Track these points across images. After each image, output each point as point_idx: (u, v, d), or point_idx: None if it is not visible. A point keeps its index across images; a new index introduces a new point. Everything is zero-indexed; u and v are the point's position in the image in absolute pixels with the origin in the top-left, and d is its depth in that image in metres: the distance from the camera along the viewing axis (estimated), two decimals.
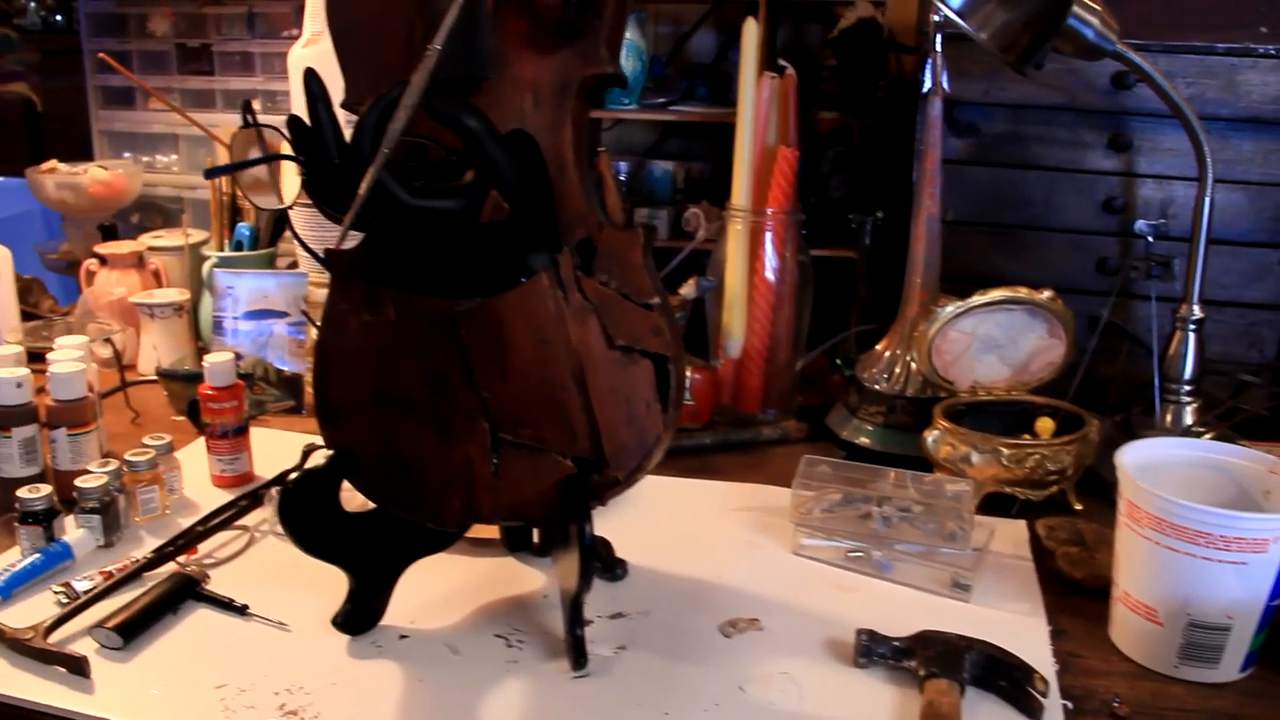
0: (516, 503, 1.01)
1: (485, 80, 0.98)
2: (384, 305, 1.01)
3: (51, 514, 1.24)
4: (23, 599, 1.17)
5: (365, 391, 1.03)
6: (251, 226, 1.77)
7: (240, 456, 1.41)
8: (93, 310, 1.82)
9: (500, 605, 1.16)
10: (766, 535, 1.30)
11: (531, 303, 0.96)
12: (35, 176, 1.94)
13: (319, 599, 1.15)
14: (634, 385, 0.99)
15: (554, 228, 0.98)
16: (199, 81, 2.07)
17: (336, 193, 0.95)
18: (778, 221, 1.54)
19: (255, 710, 0.99)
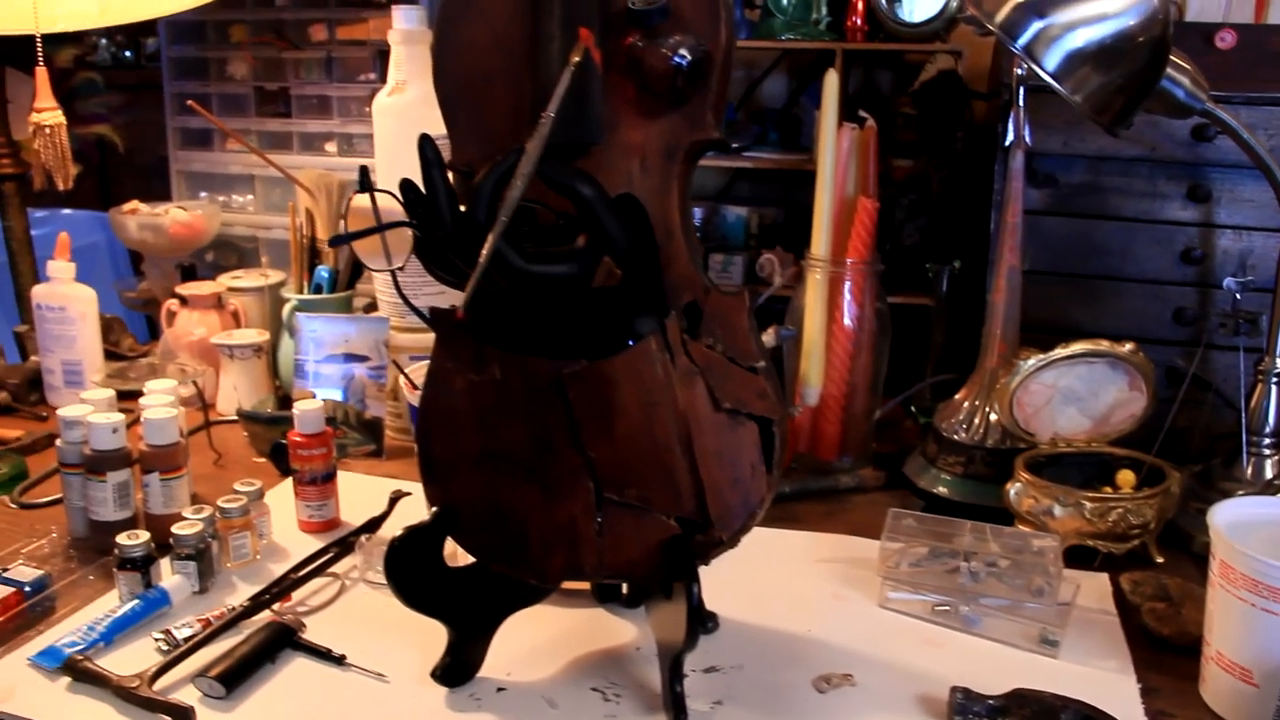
0: (620, 561, 1.02)
1: (594, 146, 0.99)
2: (489, 365, 1.02)
3: (149, 560, 1.27)
4: (123, 645, 1.19)
5: (469, 449, 1.05)
6: (331, 269, 1.79)
7: (328, 503, 1.43)
8: (173, 350, 1.85)
9: (594, 658, 1.17)
10: (852, 587, 1.31)
11: (639, 366, 0.98)
12: (118, 217, 1.97)
13: (414, 649, 1.17)
14: (739, 448, 1.00)
15: (661, 291, 0.99)
16: (276, 124, 2.10)
17: (448, 256, 0.97)
18: (857, 271, 1.55)
19: None
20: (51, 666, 1.14)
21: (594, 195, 0.93)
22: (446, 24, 1.06)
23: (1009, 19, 1.16)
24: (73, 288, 1.83)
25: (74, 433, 1.40)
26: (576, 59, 0.96)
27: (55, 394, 1.87)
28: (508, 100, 1.04)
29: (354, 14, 2.00)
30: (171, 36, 2.18)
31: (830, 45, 1.79)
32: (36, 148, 1.64)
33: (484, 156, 1.04)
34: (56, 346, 1.84)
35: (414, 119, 1.64)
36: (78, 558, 1.38)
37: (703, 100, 1.00)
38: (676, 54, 0.96)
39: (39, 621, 1.25)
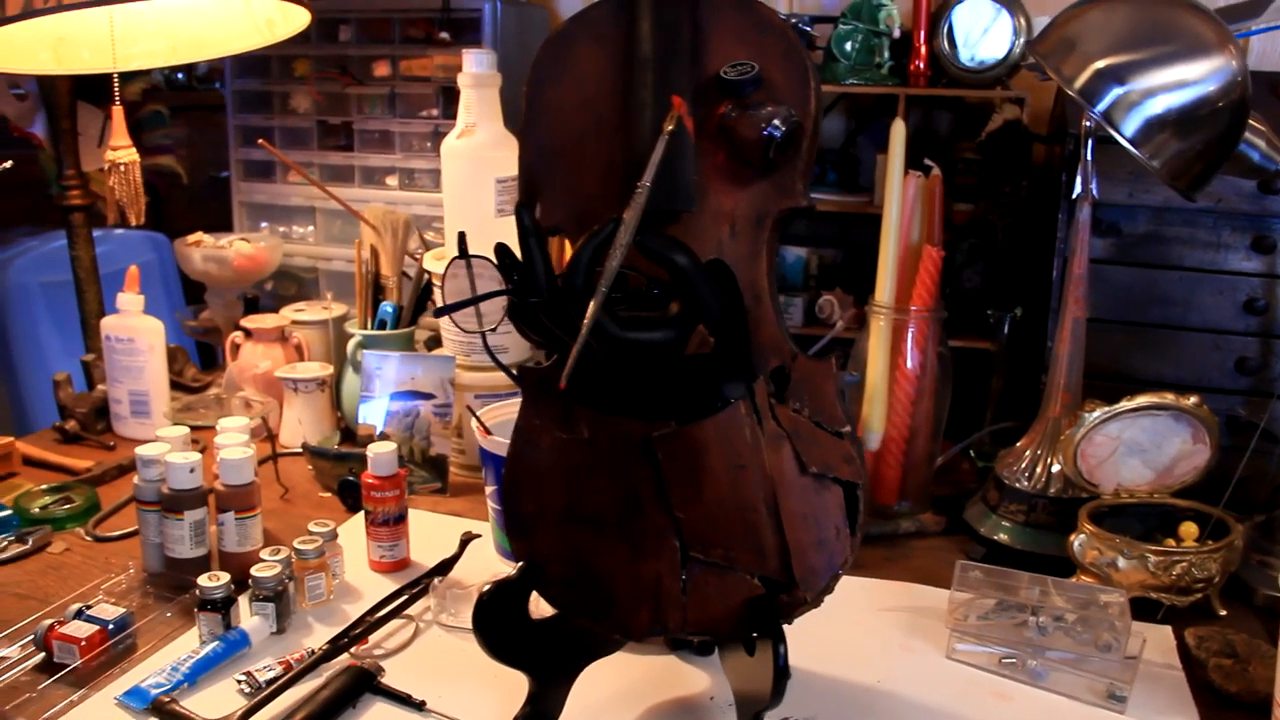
0: (703, 618, 1.03)
1: (684, 212, 1.01)
2: (578, 424, 1.04)
3: (229, 602, 1.29)
4: (206, 686, 1.22)
5: (556, 506, 1.07)
6: (395, 305, 1.82)
7: (399, 543, 1.45)
8: (238, 383, 1.88)
9: (668, 707, 1.19)
10: (919, 638, 1.32)
11: (728, 429, 1.00)
12: (183, 248, 2.00)
13: (491, 694, 1.19)
14: (825, 511, 1.02)
15: (749, 356, 1.01)
16: (338, 157, 2.13)
17: (541, 320, 0.99)
18: (921, 318, 1.57)
19: None
20: (139, 707, 1.17)
21: (690, 266, 0.95)
22: (538, 87, 1.08)
23: (1088, 85, 1.18)
24: (142, 320, 1.86)
25: (151, 471, 1.43)
26: (670, 127, 0.98)
27: (122, 423, 1.90)
28: (597, 163, 1.06)
29: (418, 50, 2.03)
30: (236, 70, 2.21)
31: (893, 90, 1.80)
32: (112, 184, 1.67)
33: (572, 218, 1.06)
34: (124, 377, 1.87)
35: (483, 162, 1.67)
36: (154, 594, 1.41)
37: (792, 168, 1.02)
38: (770, 125, 0.98)
39: (122, 659, 1.27)
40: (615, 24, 1.07)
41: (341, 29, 2.11)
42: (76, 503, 1.63)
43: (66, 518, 1.60)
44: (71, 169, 1.98)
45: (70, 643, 1.25)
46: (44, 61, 1.72)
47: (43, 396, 2.86)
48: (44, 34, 1.67)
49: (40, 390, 2.89)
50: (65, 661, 1.25)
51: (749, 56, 1.03)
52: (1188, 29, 1.20)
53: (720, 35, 1.05)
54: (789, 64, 1.03)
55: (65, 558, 1.52)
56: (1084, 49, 1.20)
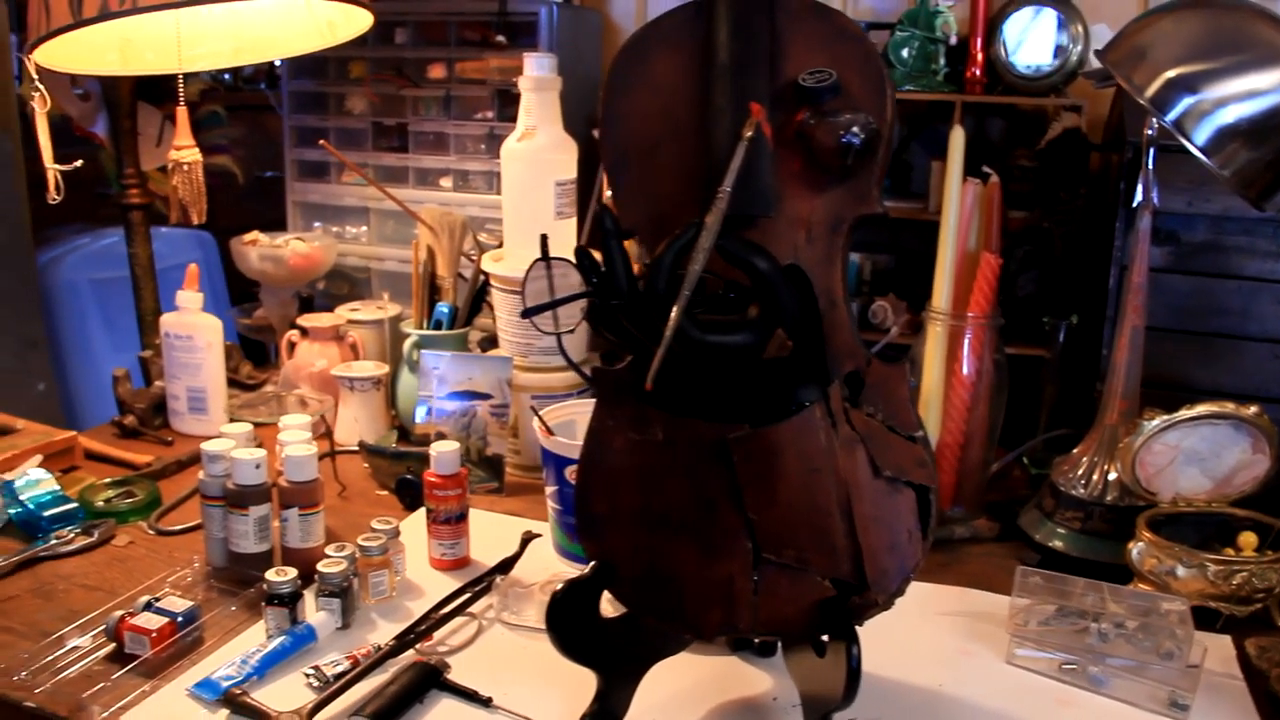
0: (774, 619, 1.04)
1: (761, 218, 1.02)
2: (652, 426, 1.06)
3: (296, 597, 1.31)
4: (274, 679, 1.23)
5: (628, 506, 1.08)
6: (451, 305, 1.83)
7: (460, 541, 1.47)
8: (293, 381, 1.90)
9: (732, 707, 1.20)
10: (978, 642, 1.33)
11: (803, 433, 1.01)
12: (239, 247, 2.03)
13: (557, 692, 1.20)
14: (897, 514, 1.03)
15: (823, 360, 1.02)
16: (392, 158, 2.15)
17: (620, 323, 1.01)
18: (978, 325, 1.57)
19: None
20: (211, 698, 1.19)
21: (770, 270, 0.96)
22: (614, 94, 1.09)
23: (1159, 94, 1.18)
24: (200, 317, 1.88)
25: (216, 466, 1.45)
26: (749, 134, 0.99)
27: (179, 419, 1.93)
28: (673, 168, 1.07)
29: (474, 53, 2.04)
30: (293, 71, 2.24)
31: (950, 97, 1.81)
32: (175, 183, 1.69)
33: (648, 222, 1.07)
34: (183, 374, 1.89)
35: (543, 164, 1.69)
36: (219, 588, 1.43)
37: (869, 175, 1.03)
38: (849, 132, 0.99)
39: (190, 652, 1.29)
40: (691, 31, 1.08)
41: (398, 31, 2.13)
42: (138, 497, 1.65)
43: (129, 511, 1.62)
44: (131, 168, 2.01)
45: (142, 634, 1.27)
46: (111, 62, 1.75)
47: (91, 391, 2.89)
48: (112, 35, 1.70)
49: (89, 385, 2.92)
50: (136, 652, 1.27)
51: (826, 64, 1.04)
52: (1260, 38, 1.20)
53: (797, 43, 1.06)
54: (866, 72, 1.04)
55: (130, 551, 1.54)
56: (1155, 58, 1.20)
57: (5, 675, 1.25)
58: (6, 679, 1.24)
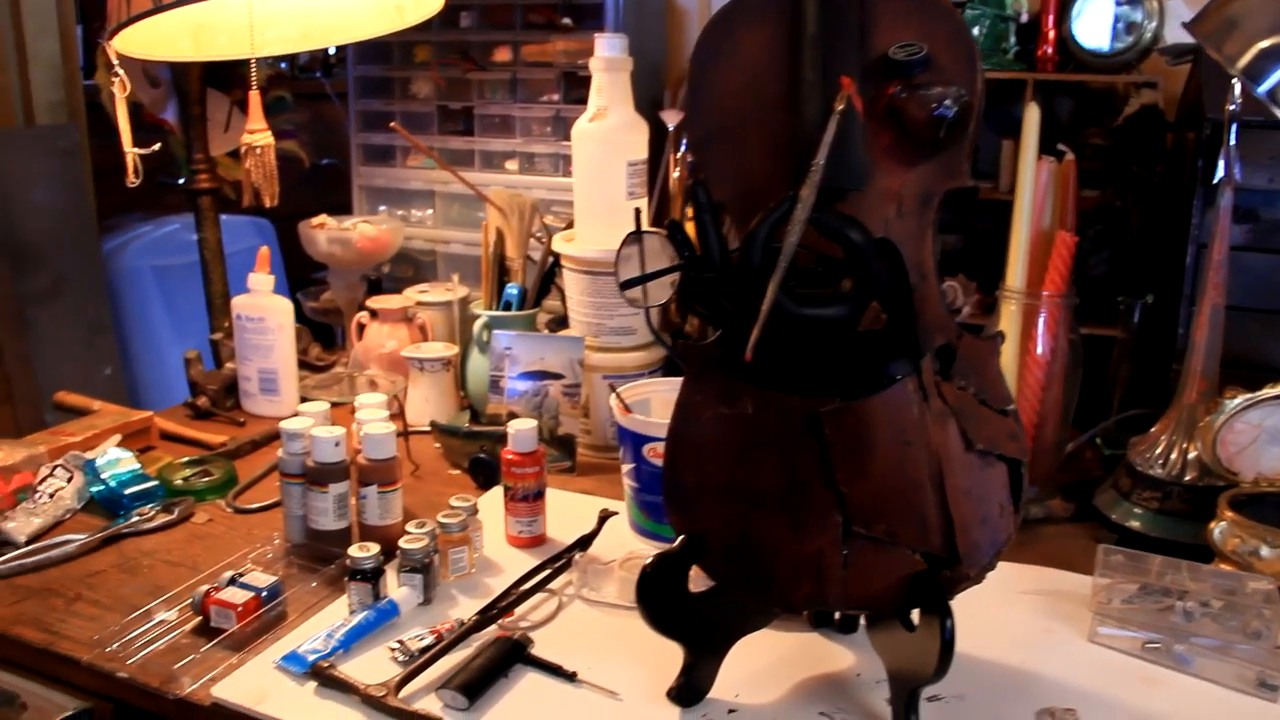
0: (864, 593, 1.04)
1: (852, 192, 1.02)
2: (741, 400, 1.06)
3: (379, 573, 1.32)
4: (359, 653, 1.25)
5: (717, 480, 1.08)
6: (520, 287, 1.84)
7: (537, 519, 1.47)
8: (363, 362, 1.92)
9: (815, 682, 1.20)
10: (1060, 621, 1.32)
11: (896, 406, 1.01)
12: (307, 230, 2.04)
13: (640, 667, 1.21)
14: (989, 487, 1.03)
15: (914, 333, 1.02)
16: (458, 141, 2.16)
17: (713, 296, 1.01)
18: (1053, 304, 1.56)
19: None
20: (299, 671, 1.20)
21: (865, 242, 0.96)
22: (700, 68, 1.09)
23: (1252, 65, 1.17)
24: (272, 299, 1.90)
25: (295, 444, 1.46)
26: (840, 107, 0.99)
27: (251, 401, 1.95)
28: (761, 143, 1.07)
29: (539, 36, 2.05)
30: (358, 56, 2.25)
31: (1022, 75, 1.80)
32: (248, 167, 1.71)
33: (736, 197, 1.07)
34: (254, 355, 1.91)
35: (614, 145, 1.69)
36: (298, 565, 1.44)
37: (959, 148, 1.03)
38: (941, 105, 0.99)
39: (274, 626, 1.31)
40: (778, 5, 1.08)
41: (463, 15, 2.13)
42: (215, 476, 1.67)
43: (207, 490, 1.65)
44: (200, 153, 2.03)
45: (228, 608, 1.29)
46: (184, 48, 1.77)
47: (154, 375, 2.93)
48: (186, 21, 1.72)
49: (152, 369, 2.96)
50: (222, 626, 1.29)
51: (915, 37, 1.04)
52: None
53: (886, 16, 1.05)
54: (956, 45, 1.04)
55: (209, 528, 1.56)
56: (1247, 29, 1.19)
57: (98, 646, 1.27)
58: (99, 650, 1.27)
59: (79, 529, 1.52)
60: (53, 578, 1.43)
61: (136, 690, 1.22)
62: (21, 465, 1.63)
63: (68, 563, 1.46)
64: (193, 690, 1.20)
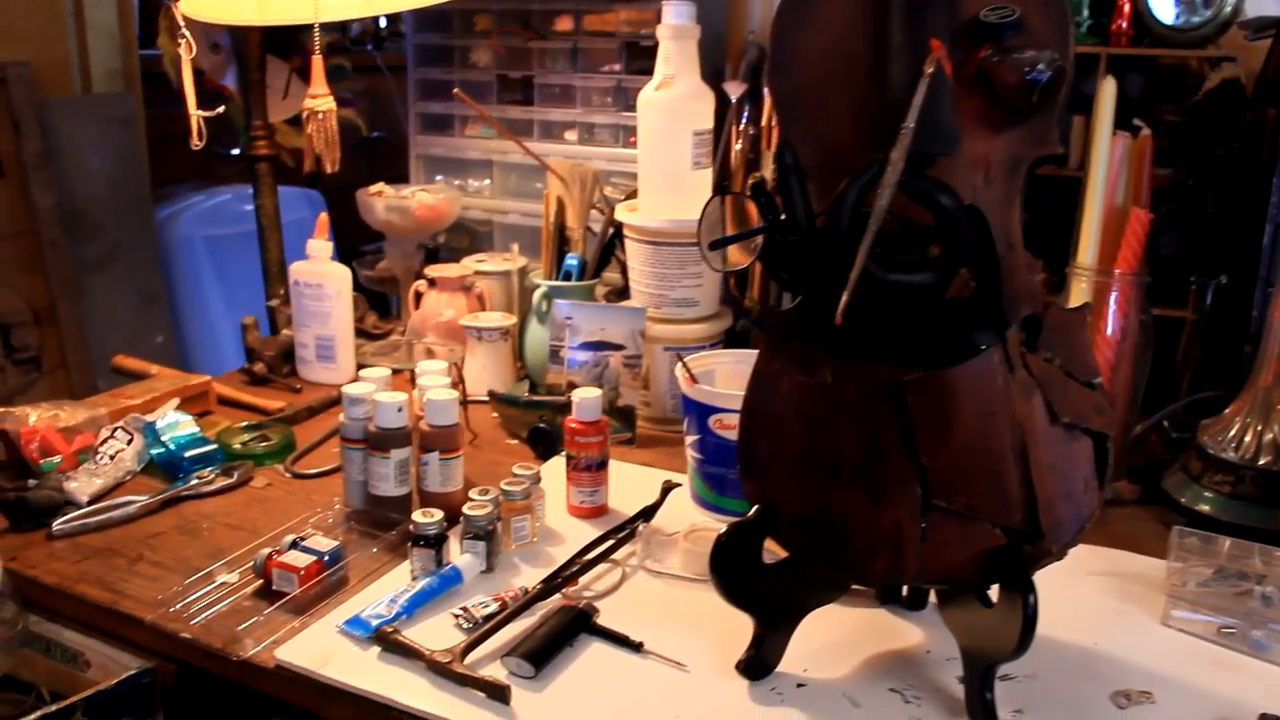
0: (941, 567, 1.02)
1: (940, 157, 1.00)
2: (820, 368, 1.04)
3: (442, 539, 1.31)
4: (421, 619, 1.24)
5: (793, 450, 1.06)
6: (580, 257, 1.83)
7: (599, 489, 1.46)
8: (420, 330, 1.91)
9: (885, 658, 1.18)
10: (1131, 603, 1.30)
11: (981, 377, 0.98)
12: (365, 198, 2.04)
13: (706, 640, 1.19)
14: (1074, 462, 1.00)
15: (1000, 303, 0.99)
16: (518, 111, 2.14)
17: (796, 260, 0.99)
18: (1125, 282, 1.53)
19: None
20: (362, 636, 1.20)
21: (955, 207, 0.94)
22: (782, 32, 1.07)
23: None
24: (330, 266, 1.90)
25: (357, 409, 1.45)
26: (930, 70, 0.97)
27: (307, 368, 1.94)
28: (844, 107, 1.05)
29: (601, 5, 2.03)
30: (417, 24, 2.24)
31: (1094, 49, 1.77)
32: (310, 132, 1.70)
33: (818, 161, 1.05)
34: (312, 322, 1.91)
35: (681, 114, 1.67)
36: (358, 530, 1.44)
37: (1049, 114, 1.00)
38: (1034, 70, 0.97)
39: (335, 591, 1.30)
40: None
41: None
42: (273, 441, 1.67)
43: (265, 454, 1.64)
44: (259, 120, 2.02)
45: (290, 571, 1.28)
46: (247, 12, 1.76)
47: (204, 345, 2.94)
48: None
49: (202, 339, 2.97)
50: (284, 590, 1.29)
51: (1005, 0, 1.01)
52: None
53: None
54: (1048, 8, 1.01)
55: (268, 492, 1.56)
56: None
57: (161, 606, 1.27)
58: (162, 610, 1.27)
59: (139, 491, 1.52)
60: (114, 538, 1.43)
61: (199, 651, 1.22)
62: (83, 426, 1.63)
63: (129, 524, 1.46)
64: (256, 652, 1.19)
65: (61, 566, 1.36)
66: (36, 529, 1.44)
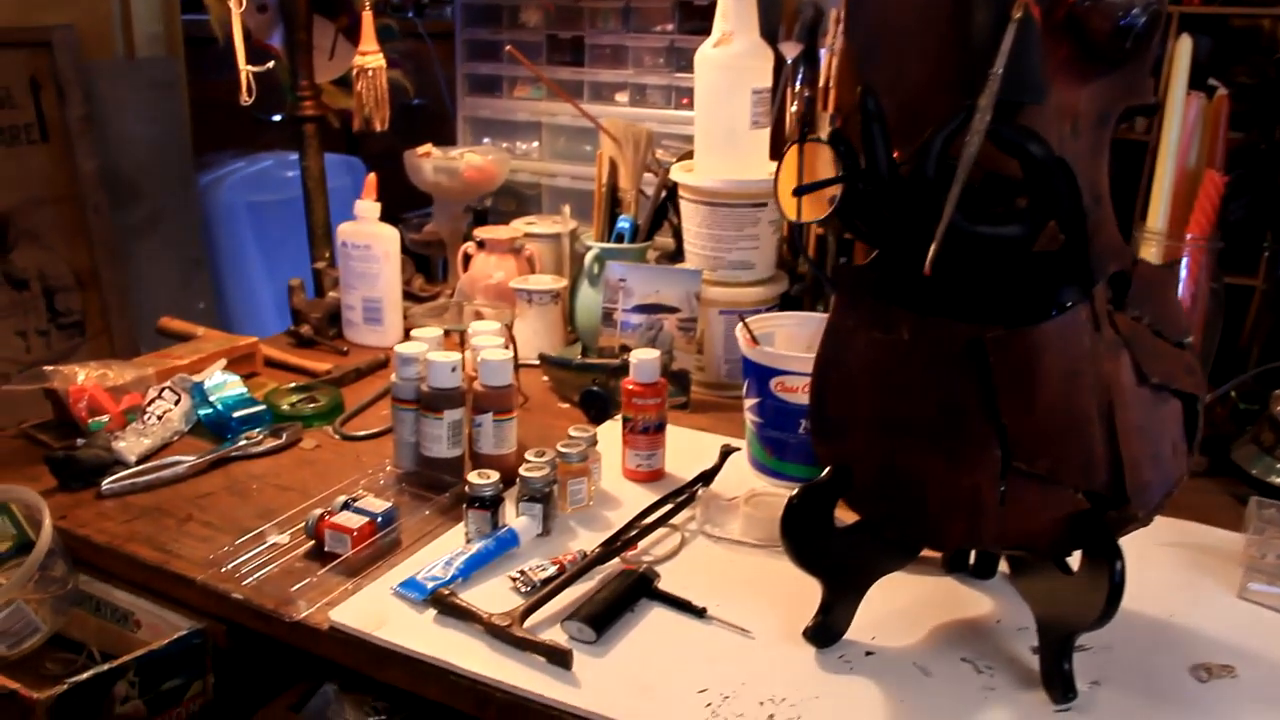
0: (1021, 533, 0.99)
1: (1026, 107, 0.96)
2: (897, 326, 1.00)
3: (498, 501, 1.28)
4: (477, 582, 1.21)
5: (867, 410, 1.03)
6: (632, 220, 1.79)
7: (656, 453, 1.43)
8: (469, 293, 1.88)
9: (954, 627, 1.15)
10: (1204, 575, 1.26)
11: (1067, 335, 0.95)
12: (412, 159, 2.01)
13: (766, 606, 1.16)
14: (1162, 424, 0.97)
15: (1086, 259, 0.95)
16: (567, 72, 2.11)
17: (875, 211, 0.96)
18: (1196, 248, 1.49)
19: (744, 718, 1.00)
20: (418, 598, 1.17)
21: (1046, 156, 0.90)
22: None
23: None
24: (378, 227, 1.87)
25: (410, 369, 1.42)
26: (1018, 15, 0.93)
27: (353, 329, 1.92)
28: (924, 54, 1.00)
29: None
30: None
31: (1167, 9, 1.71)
32: (359, 89, 1.67)
33: (896, 108, 1.01)
34: (359, 284, 1.88)
35: (739, 71, 1.63)
36: (410, 492, 1.41)
37: (1142, 62, 0.96)
38: (1129, 15, 0.92)
39: (388, 553, 1.28)
40: None
41: None
42: (321, 402, 1.65)
43: (314, 416, 1.62)
44: (305, 80, 1.99)
45: (343, 532, 1.26)
46: None
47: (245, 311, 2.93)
48: None
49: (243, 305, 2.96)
50: (336, 551, 1.26)
51: None
52: None
53: None
54: None
55: (317, 454, 1.54)
56: None
57: (212, 566, 1.25)
58: (213, 569, 1.25)
59: (187, 452, 1.50)
60: (163, 498, 1.41)
61: (251, 612, 1.20)
62: (130, 386, 1.61)
63: (178, 484, 1.45)
64: (309, 614, 1.17)
65: (111, 526, 1.34)
66: (85, 488, 1.42)
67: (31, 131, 2.50)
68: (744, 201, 1.63)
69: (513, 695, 1.05)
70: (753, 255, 1.67)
